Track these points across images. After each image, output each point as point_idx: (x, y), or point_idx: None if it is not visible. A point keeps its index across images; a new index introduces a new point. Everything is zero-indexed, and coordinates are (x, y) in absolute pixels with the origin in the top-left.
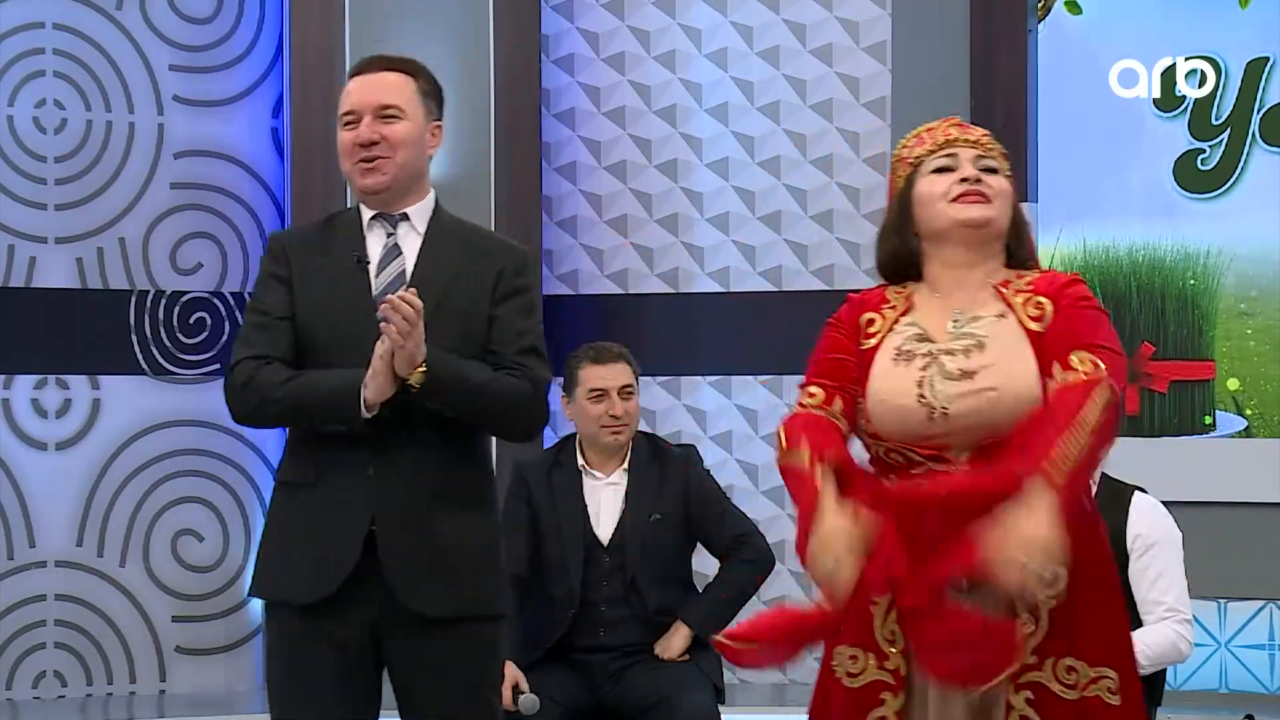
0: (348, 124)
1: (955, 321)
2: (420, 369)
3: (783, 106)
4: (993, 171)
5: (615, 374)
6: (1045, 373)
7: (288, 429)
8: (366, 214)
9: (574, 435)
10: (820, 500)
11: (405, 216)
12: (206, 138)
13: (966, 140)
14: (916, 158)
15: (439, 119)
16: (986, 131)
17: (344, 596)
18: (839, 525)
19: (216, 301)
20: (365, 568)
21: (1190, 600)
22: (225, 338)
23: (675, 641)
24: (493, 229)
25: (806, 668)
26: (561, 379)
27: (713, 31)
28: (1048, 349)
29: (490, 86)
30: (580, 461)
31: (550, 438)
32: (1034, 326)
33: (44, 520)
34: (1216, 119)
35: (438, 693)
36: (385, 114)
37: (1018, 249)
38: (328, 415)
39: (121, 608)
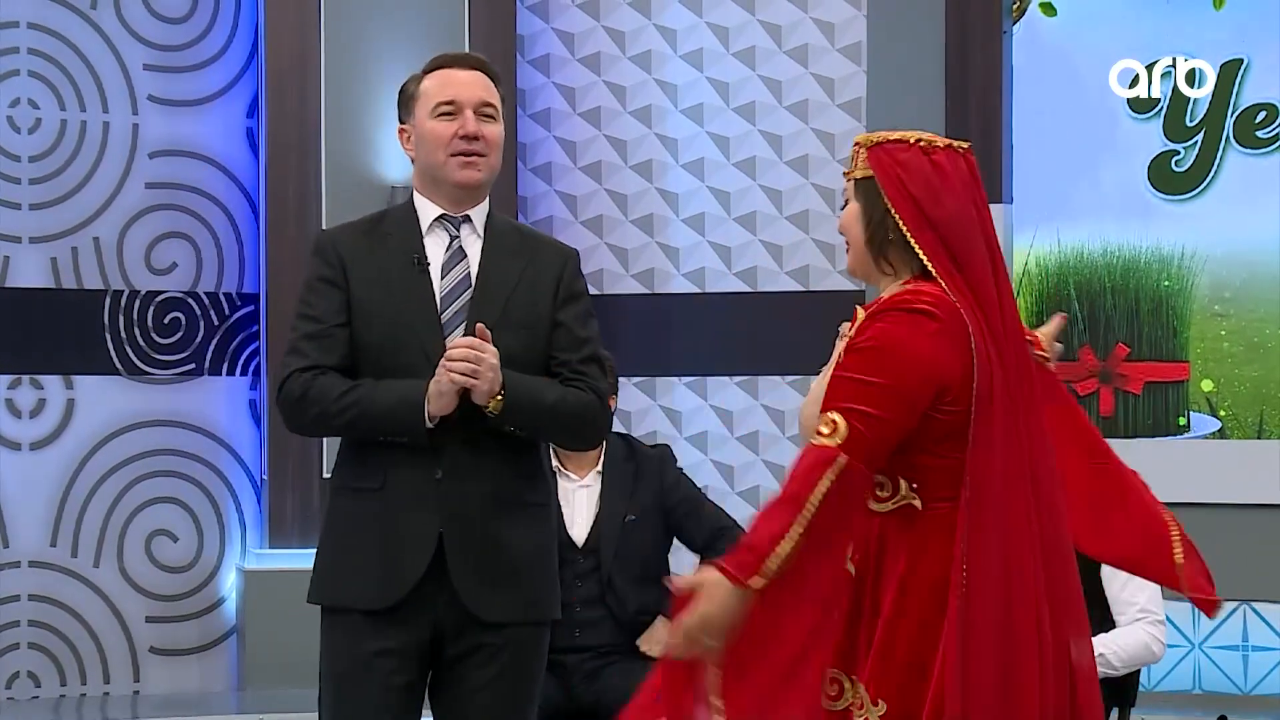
0: (446, 114)
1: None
2: (498, 398)
3: (758, 107)
4: (845, 205)
5: None
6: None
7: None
8: (427, 214)
9: None
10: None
11: (467, 219)
12: (181, 137)
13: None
14: None
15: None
16: (850, 154)
17: (410, 600)
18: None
19: (191, 301)
20: (431, 572)
21: (1163, 601)
22: (200, 337)
23: (661, 634)
24: None
25: None
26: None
27: (688, 32)
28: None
29: None
30: (554, 464)
31: None
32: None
33: (18, 520)
34: (1191, 120)
35: (486, 693)
36: (485, 112)
37: (905, 264)
38: (389, 428)
39: (95, 608)
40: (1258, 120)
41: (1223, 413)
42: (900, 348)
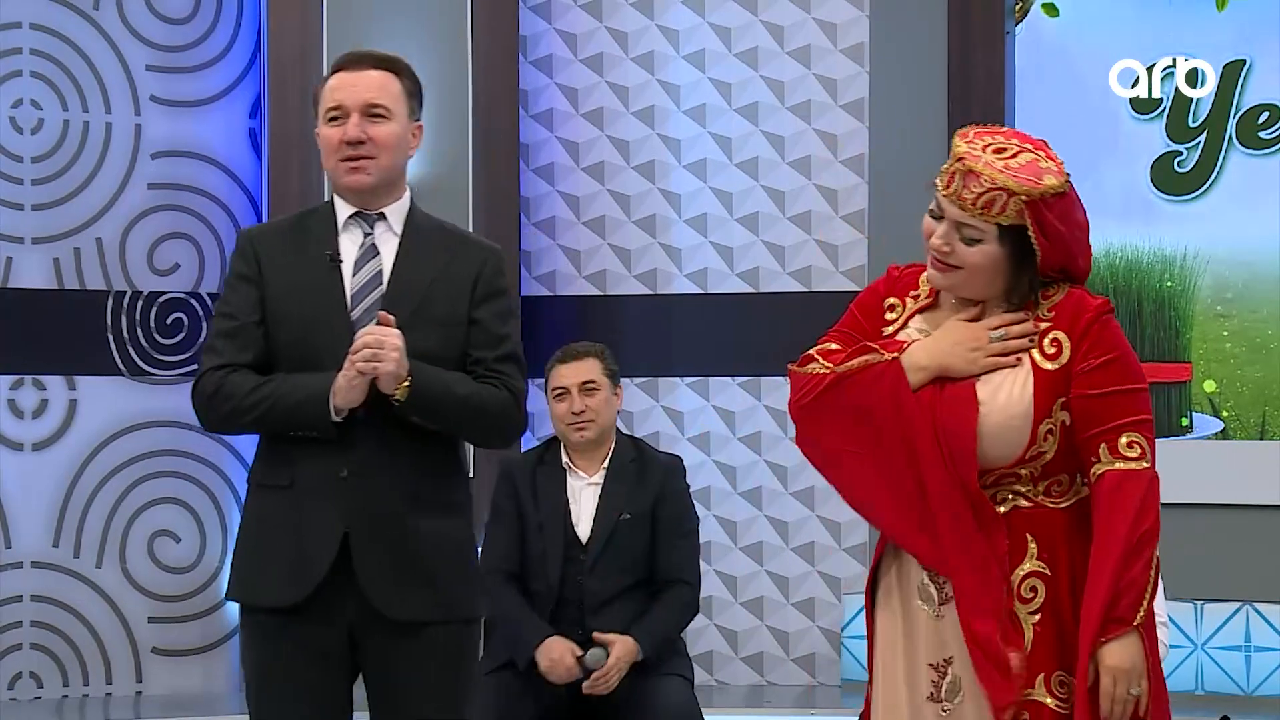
0: (333, 120)
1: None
2: (405, 384)
3: (761, 108)
4: (974, 242)
5: (576, 371)
6: (1044, 412)
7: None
8: (342, 212)
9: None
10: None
11: (382, 216)
12: (183, 138)
13: (954, 197)
14: (937, 181)
15: (419, 119)
16: (986, 192)
17: (320, 599)
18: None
19: (193, 302)
20: (340, 571)
21: (1166, 602)
22: (202, 338)
23: (620, 650)
24: (470, 230)
25: (783, 670)
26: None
27: (691, 33)
28: (1060, 390)
29: (468, 87)
30: (564, 460)
31: (529, 440)
32: (1046, 365)
33: (20, 521)
34: (1193, 121)
35: (411, 695)
36: (373, 113)
37: (1046, 273)
38: (298, 423)
39: (98, 609)
40: (1260, 121)
41: (1225, 413)
42: (1130, 347)
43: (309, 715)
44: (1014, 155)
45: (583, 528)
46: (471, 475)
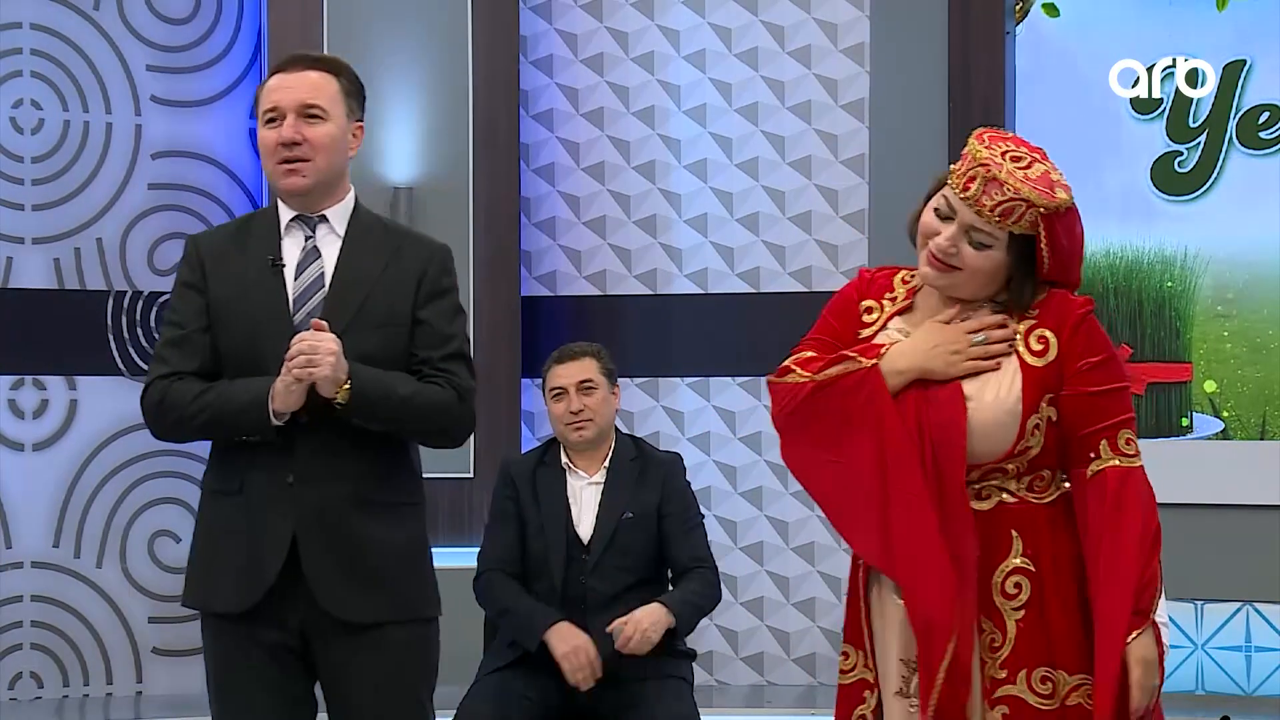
0: (269, 122)
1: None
2: (345, 387)
3: (761, 108)
4: (983, 247)
5: (573, 371)
6: (1032, 408)
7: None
8: (285, 215)
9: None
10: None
11: (324, 218)
12: (184, 138)
13: (972, 202)
14: (945, 178)
15: (360, 119)
16: (1007, 201)
17: (272, 603)
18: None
19: None
20: (290, 574)
21: (1166, 602)
22: None
23: (648, 617)
24: (471, 230)
25: (783, 670)
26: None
27: (691, 33)
28: (1048, 386)
29: (468, 87)
30: (565, 460)
31: (529, 440)
32: (1033, 361)
33: (20, 521)
34: (1194, 121)
35: (366, 697)
36: (308, 114)
37: (1040, 283)
38: (241, 429)
39: (98, 609)
40: (1261, 121)
41: (1225, 414)
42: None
43: (267, 716)
44: (1029, 165)
45: (584, 528)
46: (471, 476)
